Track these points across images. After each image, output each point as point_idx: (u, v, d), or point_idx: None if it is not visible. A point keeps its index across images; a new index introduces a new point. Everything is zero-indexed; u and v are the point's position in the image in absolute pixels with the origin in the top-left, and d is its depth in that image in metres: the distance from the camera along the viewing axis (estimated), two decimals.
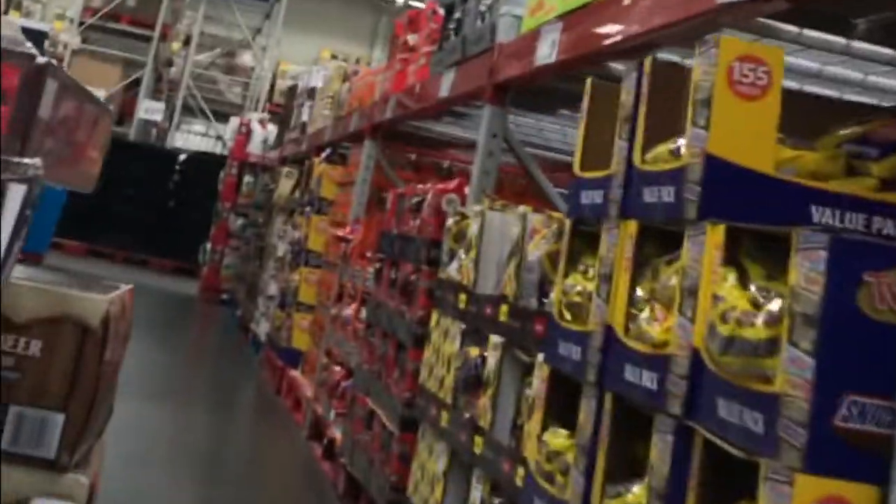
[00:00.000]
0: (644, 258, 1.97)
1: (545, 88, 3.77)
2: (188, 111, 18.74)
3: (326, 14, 21.90)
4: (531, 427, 2.27)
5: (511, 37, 3.43)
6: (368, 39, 22.68)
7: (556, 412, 2.26)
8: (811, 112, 2.14)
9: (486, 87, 3.47)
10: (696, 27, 2.41)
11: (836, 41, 2.41)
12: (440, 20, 4.55)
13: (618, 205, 2.07)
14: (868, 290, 1.40)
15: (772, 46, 1.84)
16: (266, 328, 7.76)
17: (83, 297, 1.74)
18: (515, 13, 3.37)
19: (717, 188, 1.76)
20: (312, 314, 6.38)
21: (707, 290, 1.69)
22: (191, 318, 10.73)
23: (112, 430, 2.14)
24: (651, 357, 1.80)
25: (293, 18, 19.54)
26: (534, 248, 2.57)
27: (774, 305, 1.53)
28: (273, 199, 9.20)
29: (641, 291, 1.92)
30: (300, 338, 6.49)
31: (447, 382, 3.00)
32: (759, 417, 1.48)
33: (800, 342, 1.42)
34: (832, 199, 1.74)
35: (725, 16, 2.23)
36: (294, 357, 6.51)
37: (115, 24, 17.55)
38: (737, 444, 1.53)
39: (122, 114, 16.64)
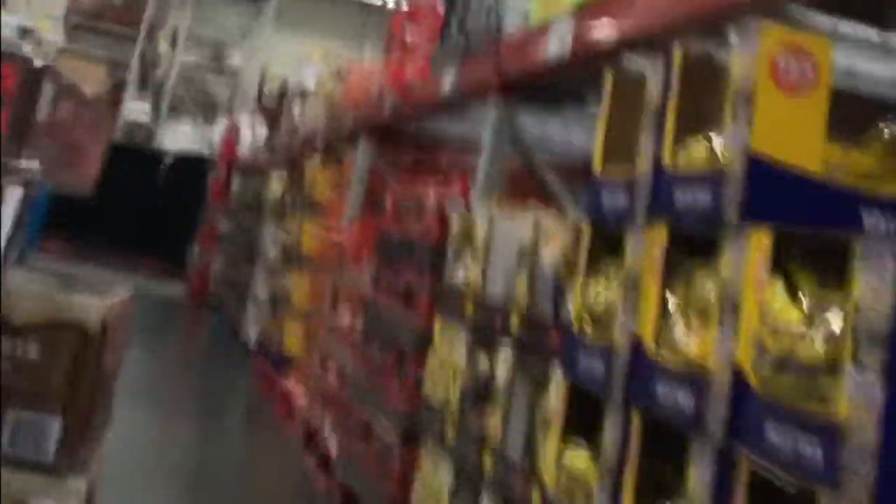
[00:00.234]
0: (675, 265, 1.82)
1: (549, 86, 3.63)
2: (175, 112, 18.56)
3: (315, 15, 21.75)
4: (548, 446, 2.12)
5: (519, 30, 3.28)
6: (357, 40, 22.54)
7: (576, 430, 2.11)
8: (842, 108, 1.99)
9: (493, 84, 3.32)
10: (723, 17, 2.27)
11: (870, 34, 2.27)
12: (440, 16, 4.40)
13: (645, 207, 1.92)
14: None
15: (818, 36, 1.69)
16: (256, 333, 7.59)
17: (82, 302, 1.73)
18: (523, 6, 3.22)
19: (761, 190, 1.62)
20: (305, 319, 6.22)
21: (749, 302, 1.55)
22: (178, 322, 10.55)
23: None
24: (686, 374, 1.65)
25: (281, 19, 19.39)
26: (548, 254, 2.41)
27: (832, 320, 1.38)
28: (263, 201, 9.04)
29: (673, 302, 1.77)
30: (292, 343, 6.32)
31: (453, 394, 2.85)
32: (818, 445, 1.33)
33: (865, 362, 1.28)
34: (886, 203, 1.60)
35: (757, 4, 2.09)
36: (286, 364, 6.34)
37: (101, 23, 17.34)
38: (789, 474, 1.39)
39: None
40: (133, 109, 16.91)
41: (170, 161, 14.86)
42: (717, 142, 1.75)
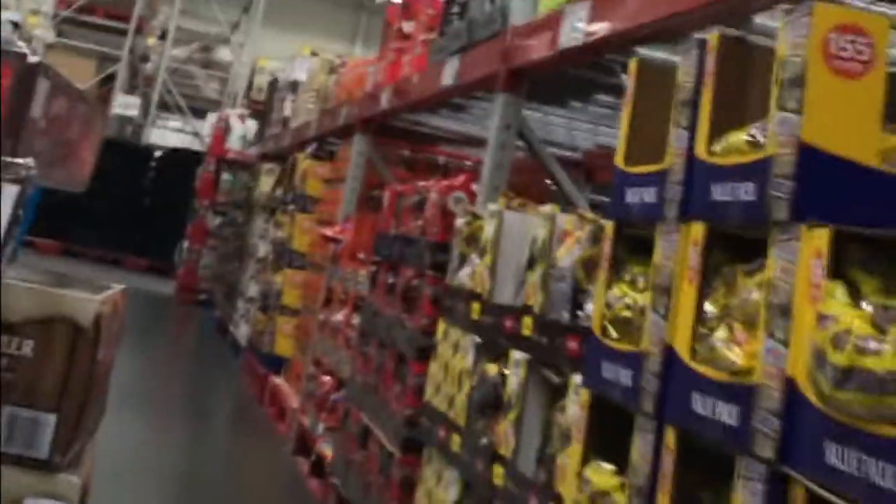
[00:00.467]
0: (712, 267, 1.67)
1: (554, 78, 3.48)
2: (164, 107, 18.35)
3: (306, 10, 21.57)
4: (570, 460, 1.97)
5: (526, 18, 3.12)
6: (349, 36, 22.38)
7: (598, 443, 1.96)
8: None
9: (499, 74, 3.16)
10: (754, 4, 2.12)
11: None
12: (439, 5, 4.23)
13: (677, 204, 1.77)
14: None
15: (875, 14, 1.54)
16: (246, 332, 7.42)
17: (75, 298, 1.74)
18: None
19: (813, 183, 1.46)
20: (297, 318, 6.06)
21: (803, 307, 1.39)
22: (166, 320, 10.37)
23: None
24: (730, 387, 1.50)
25: (272, 14, 19.20)
26: (564, 254, 2.26)
27: None
28: (253, 197, 8.86)
29: (712, 307, 1.62)
30: (283, 343, 6.16)
31: (458, 402, 2.69)
32: (892, 471, 1.18)
33: None
34: None
35: None
36: (277, 363, 6.18)
37: (90, 18, 17.12)
38: (858, 501, 1.24)
39: None
40: (122, 104, 16.69)
41: (159, 156, 14.66)
42: (759, 131, 1.60)
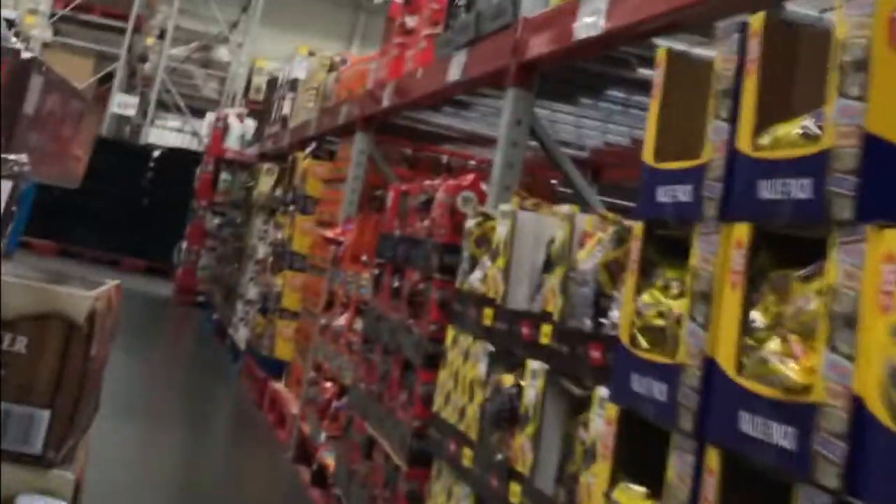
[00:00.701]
0: (758, 271, 1.52)
1: (564, 73, 3.33)
2: (163, 106, 18.20)
3: (304, 10, 21.43)
4: (596, 480, 1.81)
5: (538, 10, 2.97)
6: (346, 37, 22.24)
7: (627, 462, 1.81)
8: None
9: (510, 68, 3.01)
10: None
11: None
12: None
13: (717, 203, 1.61)
14: None
15: None
16: (245, 334, 7.27)
17: (69, 294, 1.73)
18: None
19: (880, 179, 1.31)
20: (297, 321, 5.90)
21: (872, 317, 1.24)
22: (164, 322, 10.22)
23: None
24: (786, 406, 1.35)
25: (270, 14, 19.07)
26: (585, 257, 2.11)
27: None
28: (252, 197, 8.71)
29: (761, 316, 1.47)
30: (283, 347, 6.01)
31: (470, 413, 2.54)
32: None
33: None
34: None
35: None
36: (277, 367, 6.02)
37: (88, 16, 16.97)
38: None
39: None
40: (120, 104, 16.55)
41: (157, 156, 14.50)
42: (814, 121, 1.45)
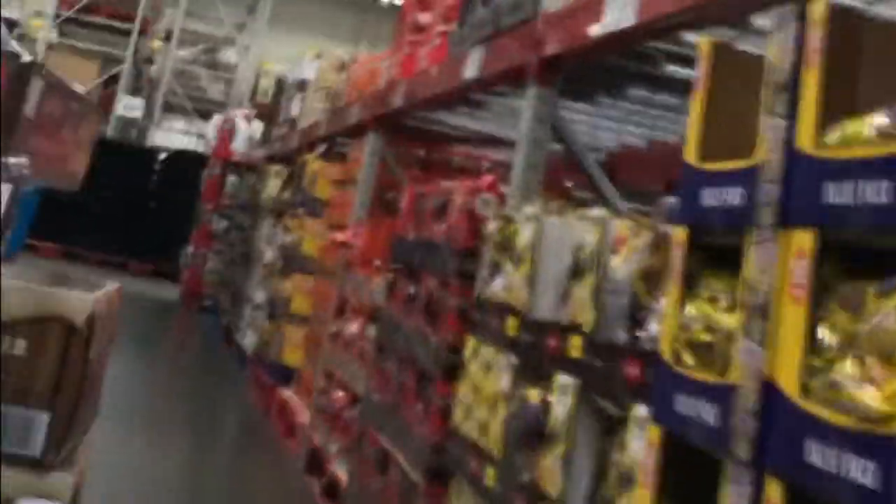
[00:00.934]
0: (824, 284, 1.37)
1: (583, 71, 3.19)
2: (169, 108, 18.08)
3: (310, 12, 21.32)
4: None
5: (560, 2, 2.82)
6: (353, 39, 22.11)
7: (668, 488, 1.66)
8: None
9: (530, 64, 2.87)
10: None
11: None
12: None
13: (773, 207, 1.47)
14: None
15: None
16: (253, 340, 7.13)
17: (69, 297, 1.73)
18: None
19: None
20: (306, 327, 5.76)
21: None
22: (170, 326, 10.08)
23: None
24: (864, 437, 1.20)
25: (277, 16, 18.96)
26: (620, 264, 1.96)
27: None
28: (260, 200, 8.57)
29: (830, 334, 1.32)
30: (292, 353, 5.86)
31: (493, 429, 2.39)
32: None
33: None
34: None
35: None
36: (285, 374, 5.88)
37: (93, 18, 16.86)
38: None
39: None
40: (126, 106, 16.44)
41: (163, 158, 14.38)
42: (890, 117, 1.31)
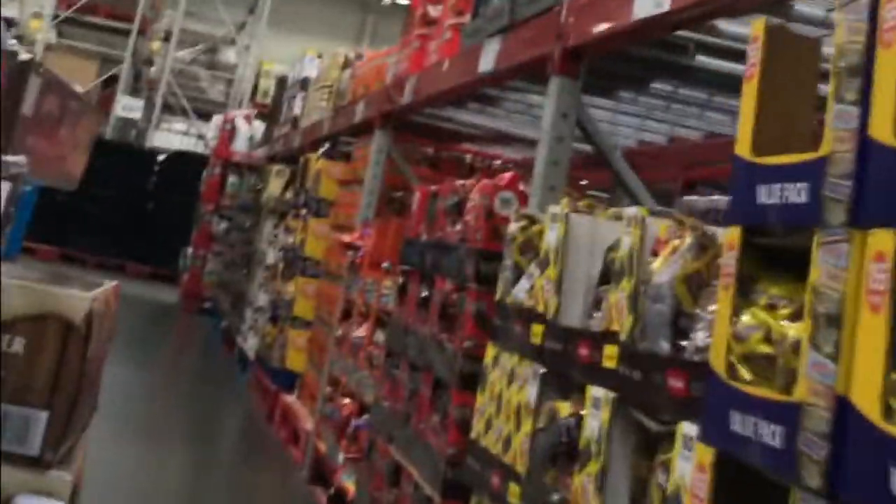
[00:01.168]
0: None
1: (607, 63, 3.05)
2: (168, 109, 17.95)
3: (311, 12, 21.21)
4: None
5: None
6: (354, 39, 22.00)
7: None
8: None
9: (553, 56, 2.72)
10: None
11: None
12: None
13: (845, 205, 1.32)
14: None
15: None
16: (255, 344, 6.98)
17: (67, 295, 1.73)
18: None
19: None
20: (310, 331, 5.61)
21: None
22: (169, 330, 9.93)
23: None
24: None
25: (277, 16, 18.83)
26: (660, 268, 1.82)
27: None
28: (261, 201, 8.43)
29: None
30: (296, 358, 5.72)
31: (517, 443, 2.25)
32: None
33: None
34: None
35: None
36: (288, 379, 5.73)
37: (92, 18, 16.73)
38: None
39: None
40: (125, 107, 16.32)
41: (163, 159, 14.25)
42: None
